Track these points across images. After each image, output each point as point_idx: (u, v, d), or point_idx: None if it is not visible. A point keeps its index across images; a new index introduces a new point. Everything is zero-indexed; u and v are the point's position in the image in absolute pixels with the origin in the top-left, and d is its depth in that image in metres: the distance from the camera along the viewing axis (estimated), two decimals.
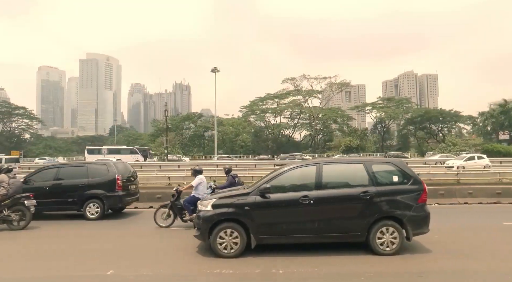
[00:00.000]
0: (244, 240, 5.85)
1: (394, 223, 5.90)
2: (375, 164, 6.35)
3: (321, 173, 6.08)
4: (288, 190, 6.09)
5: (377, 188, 5.98)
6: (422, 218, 5.99)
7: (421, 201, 6.04)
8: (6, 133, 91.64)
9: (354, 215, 5.90)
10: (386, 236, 5.85)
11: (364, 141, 76.18)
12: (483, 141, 57.18)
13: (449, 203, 11.81)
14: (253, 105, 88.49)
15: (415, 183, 6.13)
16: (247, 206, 5.90)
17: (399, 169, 6.25)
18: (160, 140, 71.64)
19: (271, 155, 65.75)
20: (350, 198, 5.96)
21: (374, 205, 5.90)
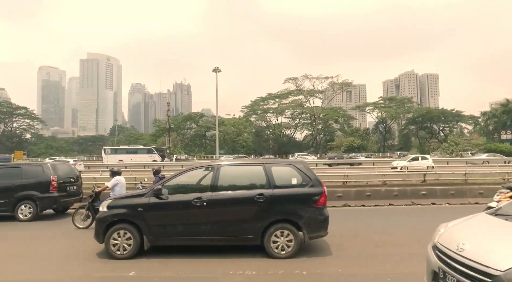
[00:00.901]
0: (138, 241, 5.76)
1: (289, 226, 5.75)
2: (274, 166, 6.22)
3: (218, 175, 5.98)
4: (185, 192, 6.01)
5: (274, 191, 5.84)
6: (319, 221, 5.83)
7: (319, 204, 5.88)
8: (8, 133, 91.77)
9: (248, 218, 5.77)
10: (281, 239, 5.71)
11: (365, 141, 76.21)
12: (486, 141, 57.10)
13: (460, 203, 11.74)
14: (254, 105, 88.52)
15: (314, 186, 5.95)
16: (140, 207, 5.83)
17: (300, 172, 6.07)
18: (162, 140, 71.68)
19: (275, 155, 65.56)
20: (244, 200, 5.82)
21: (269, 207, 5.77)
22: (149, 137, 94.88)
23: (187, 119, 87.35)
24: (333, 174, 17.25)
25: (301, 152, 69.09)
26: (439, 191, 12.18)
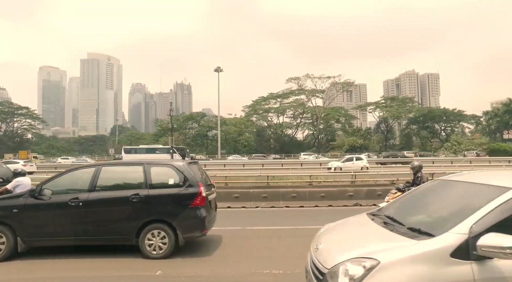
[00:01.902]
0: (11, 243, 5.68)
1: (164, 227, 5.77)
2: (154, 166, 6.24)
3: (97, 175, 5.98)
4: (64, 192, 5.98)
5: (149, 191, 5.88)
6: (194, 222, 5.87)
7: (195, 204, 5.88)
8: (9, 133, 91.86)
9: (123, 218, 5.80)
10: (156, 239, 5.73)
11: (367, 141, 76.23)
12: (489, 140, 57.09)
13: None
14: (255, 104, 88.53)
15: (191, 187, 5.95)
16: (16, 208, 5.78)
17: (178, 172, 6.07)
18: (163, 140, 71.66)
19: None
20: (119, 200, 5.85)
21: (144, 208, 5.80)
22: (150, 137, 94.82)
23: (188, 118, 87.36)
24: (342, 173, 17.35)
25: (303, 152, 69.21)
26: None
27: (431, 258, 2.43)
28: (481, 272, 2.35)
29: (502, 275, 2.34)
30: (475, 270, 2.37)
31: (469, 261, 2.39)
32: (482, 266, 2.37)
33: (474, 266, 2.38)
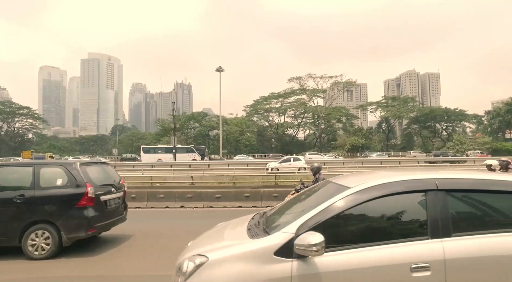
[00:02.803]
0: None
1: (48, 227, 5.78)
2: (45, 167, 6.29)
3: None
4: None
5: (35, 192, 5.92)
6: (78, 222, 5.89)
7: (80, 205, 5.92)
8: (10, 133, 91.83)
9: (7, 219, 5.82)
10: (39, 240, 5.73)
11: (369, 141, 76.20)
12: (492, 140, 56.95)
13: None
14: (257, 104, 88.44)
15: (78, 187, 5.99)
16: None
17: (68, 173, 6.11)
18: (165, 140, 71.62)
19: (272, 154, 65.20)
20: (4, 201, 5.90)
21: (28, 208, 5.84)
22: (151, 136, 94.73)
23: (190, 118, 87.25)
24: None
25: (304, 151, 69.18)
26: None
27: (256, 256, 2.56)
28: (299, 269, 2.48)
29: (317, 271, 2.47)
30: (294, 268, 2.49)
31: (291, 259, 2.51)
32: (301, 263, 2.49)
33: (294, 263, 2.50)
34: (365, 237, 2.64)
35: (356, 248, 2.54)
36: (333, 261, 2.49)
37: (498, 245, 2.50)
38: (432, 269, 2.44)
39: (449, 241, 2.53)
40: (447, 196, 2.68)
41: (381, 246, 2.53)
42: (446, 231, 2.56)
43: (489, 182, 2.83)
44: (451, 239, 2.54)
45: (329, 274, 2.46)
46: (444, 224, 2.58)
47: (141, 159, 43.18)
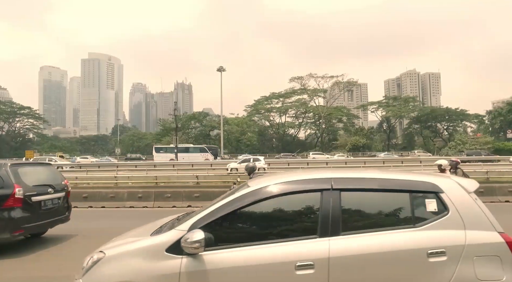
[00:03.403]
0: None
1: None
2: None
3: None
4: None
5: None
6: (3, 223, 5.84)
7: (6, 206, 5.87)
8: (11, 133, 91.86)
9: None
10: None
11: (370, 140, 76.18)
12: (494, 140, 56.88)
13: (490, 201, 11.69)
14: (257, 104, 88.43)
15: (4, 188, 5.96)
16: None
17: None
18: (167, 140, 71.62)
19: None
20: None
21: None
22: (152, 136, 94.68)
23: (191, 118, 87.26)
24: None
25: (305, 151, 69.15)
26: None
27: (148, 252, 2.66)
28: (187, 266, 2.56)
29: (204, 268, 2.54)
30: (183, 264, 2.56)
31: (181, 256, 2.58)
32: (190, 260, 2.57)
33: (183, 260, 2.57)
34: (256, 236, 2.71)
35: (246, 246, 2.60)
36: (222, 259, 2.56)
37: (382, 243, 2.56)
38: (316, 267, 2.50)
39: (336, 240, 2.57)
40: (340, 195, 2.71)
41: (270, 245, 2.60)
42: (335, 230, 2.61)
43: (382, 181, 2.85)
44: (338, 237, 2.59)
45: (216, 271, 2.53)
46: (334, 223, 2.62)
47: (154, 158, 42.83)
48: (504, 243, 2.53)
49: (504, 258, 2.50)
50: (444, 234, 2.56)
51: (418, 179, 2.84)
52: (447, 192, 2.69)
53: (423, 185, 2.76)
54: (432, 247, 2.51)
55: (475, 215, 2.63)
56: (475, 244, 2.52)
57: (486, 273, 2.46)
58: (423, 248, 2.51)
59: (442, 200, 2.67)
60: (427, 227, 2.60)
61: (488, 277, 2.46)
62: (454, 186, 2.74)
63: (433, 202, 2.67)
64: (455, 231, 2.57)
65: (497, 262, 2.49)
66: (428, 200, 2.68)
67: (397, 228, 2.63)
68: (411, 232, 2.59)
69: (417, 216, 2.66)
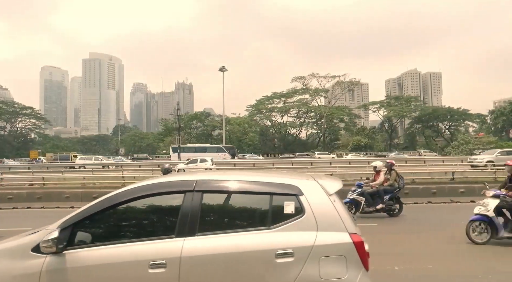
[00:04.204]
0: None
1: None
2: None
3: None
4: None
5: None
6: None
7: None
8: (14, 133, 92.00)
9: None
10: None
11: (372, 140, 76.13)
12: (497, 139, 56.76)
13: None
14: (259, 104, 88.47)
15: None
16: None
17: None
18: (168, 140, 71.67)
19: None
20: None
21: None
22: (154, 136, 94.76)
23: (193, 118, 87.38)
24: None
25: (307, 151, 69.07)
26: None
27: (15, 252, 2.68)
28: (49, 265, 2.58)
29: (64, 266, 2.59)
30: (45, 263, 2.59)
31: (45, 255, 2.60)
32: (53, 259, 2.60)
33: (47, 259, 2.60)
34: (119, 235, 2.80)
35: (108, 245, 2.67)
36: (82, 257, 2.62)
37: (234, 243, 2.62)
38: (168, 266, 2.57)
39: (190, 240, 2.64)
40: (202, 197, 2.77)
41: (130, 244, 2.67)
42: (192, 230, 2.67)
43: (244, 183, 2.90)
44: (194, 238, 2.65)
45: (75, 270, 2.60)
46: (191, 224, 2.68)
47: (170, 158, 42.42)
48: (352, 243, 2.60)
49: (350, 257, 2.58)
50: (295, 235, 2.63)
51: (281, 181, 2.89)
52: (306, 194, 2.75)
53: (284, 187, 2.82)
54: (281, 248, 2.58)
55: (330, 216, 2.69)
56: (323, 244, 2.59)
57: (330, 272, 2.55)
58: (272, 249, 2.58)
59: (301, 202, 2.72)
60: (280, 229, 2.66)
61: (331, 276, 2.54)
62: (314, 189, 2.79)
63: (291, 204, 2.73)
64: (306, 232, 2.63)
65: (342, 261, 2.57)
66: (287, 202, 2.73)
67: (253, 229, 2.70)
68: (264, 233, 2.66)
69: (274, 217, 2.72)
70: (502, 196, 6.53)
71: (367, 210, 9.18)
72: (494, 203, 6.43)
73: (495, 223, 6.39)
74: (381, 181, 9.47)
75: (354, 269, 2.58)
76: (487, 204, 6.50)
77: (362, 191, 9.26)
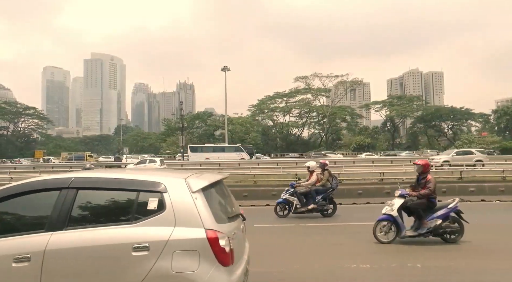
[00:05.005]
0: None
1: None
2: None
3: None
4: None
5: None
6: None
7: None
8: (16, 133, 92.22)
9: None
10: None
11: (375, 140, 76.05)
12: (501, 139, 56.59)
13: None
14: (261, 103, 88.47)
15: None
16: None
17: None
18: (171, 140, 71.76)
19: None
20: None
21: None
22: (157, 136, 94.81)
23: (195, 118, 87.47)
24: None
25: (309, 151, 69.01)
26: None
27: None
28: None
29: None
30: None
31: None
32: None
33: None
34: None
35: None
36: None
37: (97, 237, 2.77)
38: (32, 259, 2.71)
39: (57, 234, 2.79)
40: (76, 193, 2.94)
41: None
42: (61, 225, 2.83)
43: (115, 180, 3.07)
44: (61, 232, 2.80)
45: None
46: (61, 219, 2.84)
47: (188, 158, 42.01)
48: (205, 239, 2.75)
49: (203, 252, 2.74)
50: (152, 230, 2.78)
51: (149, 179, 3.05)
52: (170, 191, 2.91)
53: (151, 184, 2.98)
54: (138, 242, 2.73)
55: (188, 213, 2.84)
56: (177, 239, 2.75)
57: (182, 265, 2.70)
58: (130, 243, 2.73)
59: (163, 199, 2.88)
60: (141, 224, 2.82)
61: (182, 269, 2.69)
62: (179, 186, 2.95)
63: (155, 201, 2.89)
64: (164, 227, 2.79)
65: (195, 255, 2.73)
66: (151, 199, 2.90)
67: (117, 224, 2.86)
68: (126, 228, 2.81)
69: (138, 213, 2.89)
70: (406, 196, 6.61)
71: (299, 210, 9.18)
72: (398, 203, 6.54)
73: (398, 222, 6.49)
74: (313, 181, 9.48)
75: (207, 264, 2.73)
76: (393, 204, 6.61)
77: (295, 191, 9.24)
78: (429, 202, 6.55)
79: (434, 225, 6.39)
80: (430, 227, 6.42)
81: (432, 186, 6.47)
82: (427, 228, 6.43)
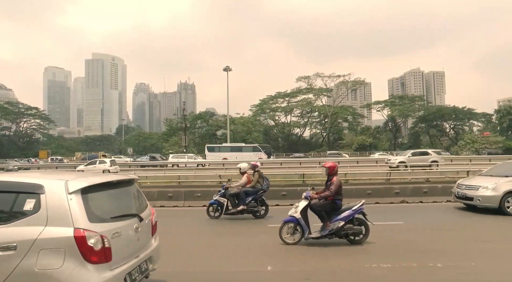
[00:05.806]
0: None
1: None
2: None
3: None
4: None
5: None
6: None
7: None
8: (19, 133, 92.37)
9: None
10: None
11: (377, 140, 75.97)
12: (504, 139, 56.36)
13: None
14: (263, 103, 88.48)
15: None
16: None
17: None
18: (173, 140, 71.84)
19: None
20: None
21: None
22: (158, 136, 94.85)
23: (197, 118, 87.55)
24: None
25: (311, 151, 69.02)
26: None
27: None
28: None
29: None
30: None
31: None
32: None
33: None
34: None
35: None
36: None
37: None
38: None
39: None
40: None
41: None
42: None
43: None
44: None
45: None
46: None
47: (206, 157, 41.91)
48: (72, 237, 2.89)
49: (69, 250, 2.87)
50: (23, 230, 2.91)
51: (29, 181, 3.19)
52: (47, 192, 3.03)
53: (30, 186, 3.11)
54: (6, 242, 2.85)
55: (61, 213, 2.97)
56: (45, 238, 2.87)
57: (46, 263, 2.82)
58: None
59: (40, 200, 3.01)
60: (13, 224, 2.95)
61: (46, 267, 2.82)
62: (56, 188, 3.07)
63: (31, 202, 3.02)
64: (34, 227, 2.92)
65: (60, 253, 2.86)
66: (29, 200, 3.03)
67: None
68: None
69: (14, 214, 3.01)
70: (309, 197, 6.67)
71: (230, 212, 9.20)
72: (302, 205, 6.61)
73: (301, 224, 6.56)
74: (243, 182, 9.47)
75: (72, 261, 2.86)
76: (297, 206, 6.68)
77: (225, 193, 9.28)
78: (334, 204, 6.58)
79: (337, 227, 6.43)
80: (332, 228, 6.45)
81: (333, 188, 6.49)
82: (329, 230, 6.46)
